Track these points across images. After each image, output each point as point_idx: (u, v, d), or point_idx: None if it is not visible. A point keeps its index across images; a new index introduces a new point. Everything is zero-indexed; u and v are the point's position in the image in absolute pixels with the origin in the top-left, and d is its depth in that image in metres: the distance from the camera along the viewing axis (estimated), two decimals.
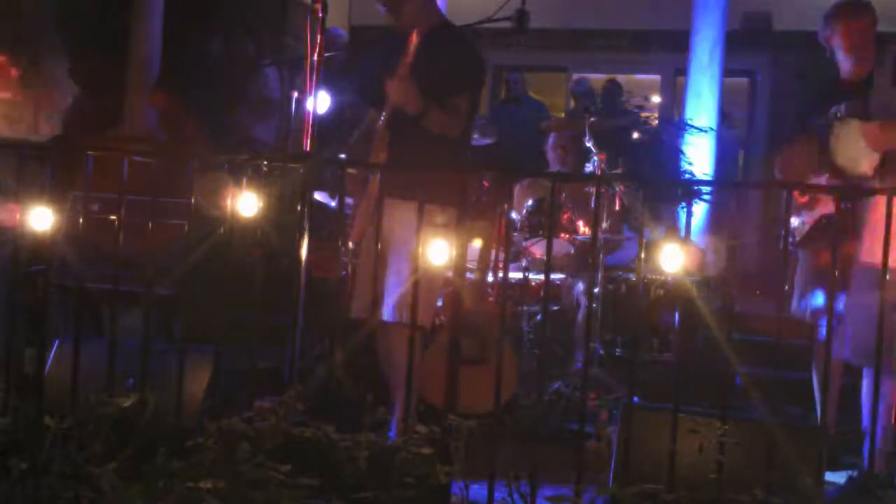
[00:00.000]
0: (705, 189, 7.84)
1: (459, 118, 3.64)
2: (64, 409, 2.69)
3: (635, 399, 3.19)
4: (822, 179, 3.71)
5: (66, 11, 6.19)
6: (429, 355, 4.12)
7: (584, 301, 5.29)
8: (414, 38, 3.57)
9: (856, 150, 3.59)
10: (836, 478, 2.95)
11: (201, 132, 5.49)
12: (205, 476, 2.41)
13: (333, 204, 5.08)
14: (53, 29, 4.27)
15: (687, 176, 7.84)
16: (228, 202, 3.07)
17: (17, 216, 2.93)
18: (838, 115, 3.70)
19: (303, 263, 3.16)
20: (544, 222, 5.07)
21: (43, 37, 4.18)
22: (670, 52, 9.38)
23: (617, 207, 5.26)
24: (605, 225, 5.10)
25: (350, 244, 4.27)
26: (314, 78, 3.32)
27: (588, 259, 5.11)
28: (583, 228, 5.22)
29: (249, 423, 2.61)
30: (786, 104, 8.52)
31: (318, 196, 5.07)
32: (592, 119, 5.39)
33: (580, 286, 5.46)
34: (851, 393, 3.75)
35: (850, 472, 2.84)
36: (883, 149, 3.52)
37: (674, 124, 8.83)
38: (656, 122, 9.63)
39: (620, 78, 9.28)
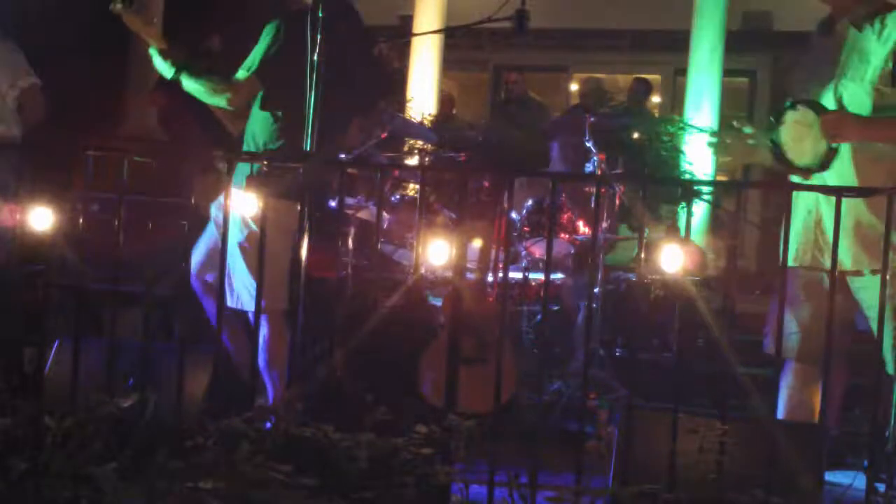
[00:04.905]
0: (705, 189, 7.84)
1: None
2: (64, 409, 2.68)
3: (635, 399, 3.19)
4: None
5: (65, 11, 6.19)
6: (428, 355, 4.12)
7: (583, 302, 5.29)
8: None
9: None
10: (837, 478, 2.95)
11: (201, 132, 5.49)
12: (205, 476, 2.41)
13: (333, 204, 5.07)
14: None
15: (687, 176, 7.84)
16: None
17: (17, 216, 2.93)
18: None
19: (303, 263, 3.15)
20: (544, 222, 5.07)
21: None
22: (670, 52, 9.38)
23: (617, 207, 5.26)
24: (605, 224, 5.10)
25: None
26: (314, 77, 3.32)
27: (588, 259, 5.11)
28: (583, 228, 5.22)
29: (249, 423, 2.60)
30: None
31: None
32: (592, 119, 5.39)
33: (579, 287, 5.45)
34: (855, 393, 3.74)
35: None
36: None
37: (674, 124, 8.84)
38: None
39: (620, 78, 9.29)
